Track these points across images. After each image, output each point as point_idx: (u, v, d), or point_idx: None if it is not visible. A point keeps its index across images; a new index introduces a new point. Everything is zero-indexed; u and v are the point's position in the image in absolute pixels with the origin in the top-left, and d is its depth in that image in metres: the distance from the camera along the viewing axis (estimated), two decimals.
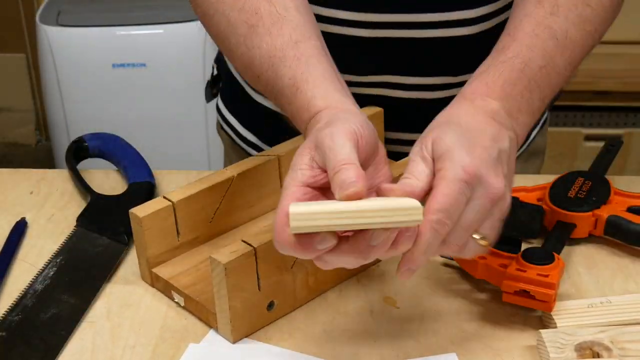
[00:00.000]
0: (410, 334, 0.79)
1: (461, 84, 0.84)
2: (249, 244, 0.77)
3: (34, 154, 2.78)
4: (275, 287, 0.80)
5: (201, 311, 0.82)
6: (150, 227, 0.84)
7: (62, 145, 2.15)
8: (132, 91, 2.09)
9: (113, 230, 0.92)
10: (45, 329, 0.81)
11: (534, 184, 0.97)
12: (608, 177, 1.01)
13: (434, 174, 0.68)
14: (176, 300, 0.84)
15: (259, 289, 0.79)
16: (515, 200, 0.88)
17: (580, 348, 0.73)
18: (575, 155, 2.33)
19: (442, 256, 0.86)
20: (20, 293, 0.85)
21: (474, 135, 0.70)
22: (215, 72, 1.16)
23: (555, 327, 0.77)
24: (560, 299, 0.83)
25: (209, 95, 1.18)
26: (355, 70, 0.96)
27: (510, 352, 0.77)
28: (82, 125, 2.11)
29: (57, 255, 0.90)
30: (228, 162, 1.17)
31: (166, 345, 0.79)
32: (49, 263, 0.89)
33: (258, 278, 0.78)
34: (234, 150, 1.13)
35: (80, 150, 1.04)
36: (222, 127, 1.15)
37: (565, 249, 0.89)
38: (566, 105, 2.32)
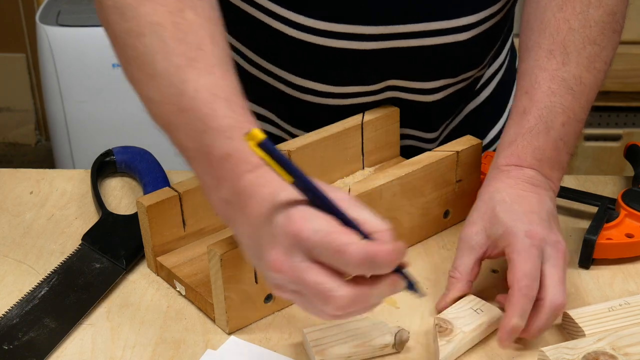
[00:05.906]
0: (410, 334, 0.79)
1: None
2: None
3: (34, 154, 2.78)
4: None
5: (200, 301, 0.82)
6: (156, 217, 0.85)
7: (62, 145, 2.15)
8: (132, 91, 2.08)
9: (113, 253, 0.89)
10: (17, 354, 0.78)
11: None
12: (607, 176, 1.01)
13: (480, 262, 0.82)
14: (178, 289, 0.85)
15: (257, 282, 0.79)
16: None
17: None
18: (575, 155, 2.33)
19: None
20: (5, 313, 0.82)
21: (521, 205, 0.80)
22: None
23: (584, 335, 0.76)
24: None
25: None
26: (363, 81, 0.98)
27: (511, 353, 0.77)
28: (82, 125, 2.11)
29: (52, 274, 0.87)
30: None
31: (166, 345, 0.79)
32: (42, 282, 0.86)
33: (256, 270, 0.78)
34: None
35: (107, 164, 1.02)
36: None
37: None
38: None
